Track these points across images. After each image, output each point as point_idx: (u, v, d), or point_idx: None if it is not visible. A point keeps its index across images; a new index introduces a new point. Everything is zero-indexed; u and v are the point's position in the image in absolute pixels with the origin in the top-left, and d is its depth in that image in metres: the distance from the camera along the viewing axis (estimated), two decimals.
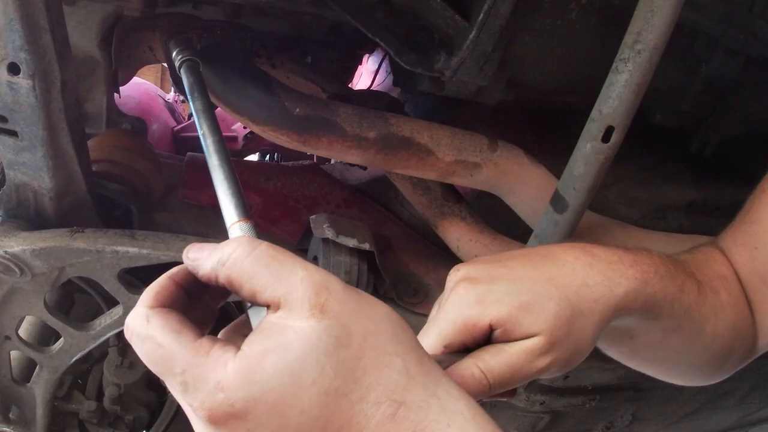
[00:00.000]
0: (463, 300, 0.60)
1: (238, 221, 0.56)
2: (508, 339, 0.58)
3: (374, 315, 0.45)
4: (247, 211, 0.59)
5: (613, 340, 0.70)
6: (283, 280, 0.43)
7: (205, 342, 0.43)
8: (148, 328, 0.44)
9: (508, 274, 0.60)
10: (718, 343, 0.70)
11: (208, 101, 0.76)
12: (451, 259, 1.12)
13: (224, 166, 0.64)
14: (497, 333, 0.58)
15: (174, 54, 0.87)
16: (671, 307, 0.64)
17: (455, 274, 0.64)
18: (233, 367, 0.41)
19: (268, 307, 0.44)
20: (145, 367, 0.45)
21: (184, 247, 0.48)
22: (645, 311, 0.63)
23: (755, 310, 0.72)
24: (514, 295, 0.58)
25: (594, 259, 0.62)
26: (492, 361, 0.56)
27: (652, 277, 0.62)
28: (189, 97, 0.78)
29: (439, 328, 0.60)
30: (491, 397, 0.59)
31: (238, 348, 0.42)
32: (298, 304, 0.42)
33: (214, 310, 0.53)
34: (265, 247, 0.45)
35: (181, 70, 0.84)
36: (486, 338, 0.59)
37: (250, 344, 0.42)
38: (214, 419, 0.41)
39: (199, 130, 0.72)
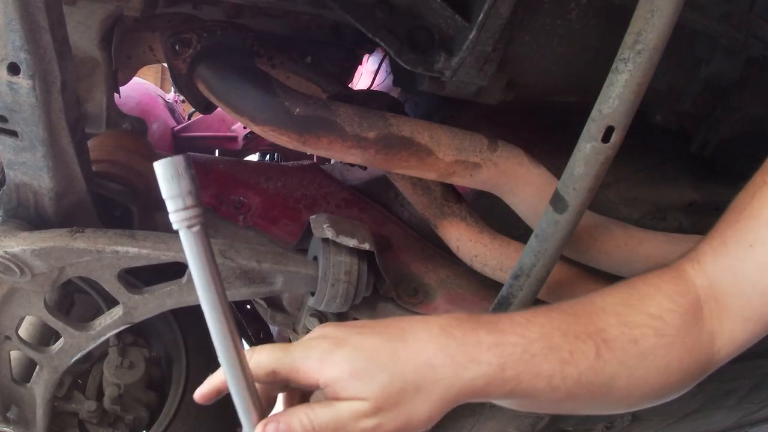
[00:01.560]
0: (308, 352, 0.65)
1: None
2: (336, 398, 0.63)
3: None
4: None
5: (513, 404, 0.71)
6: None
7: None
8: None
9: (357, 342, 0.66)
10: (640, 391, 0.70)
11: (222, 291, 0.56)
12: (451, 259, 1.12)
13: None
14: (326, 391, 0.64)
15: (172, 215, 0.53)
16: (548, 384, 0.66)
17: (320, 329, 0.70)
18: None
19: None
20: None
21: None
22: (509, 393, 0.66)
23: (727, 317, 0.69)
24: (349, 362, 0.63)
25: (449, 340, 0.65)
26: (320, 412, 0.63)
27: (515, 360, 0.64)
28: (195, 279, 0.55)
29: (279, 356, 0.65)
30: None
31: None
32: None
33: None
34: None
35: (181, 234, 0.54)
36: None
37: None
38: None
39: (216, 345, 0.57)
